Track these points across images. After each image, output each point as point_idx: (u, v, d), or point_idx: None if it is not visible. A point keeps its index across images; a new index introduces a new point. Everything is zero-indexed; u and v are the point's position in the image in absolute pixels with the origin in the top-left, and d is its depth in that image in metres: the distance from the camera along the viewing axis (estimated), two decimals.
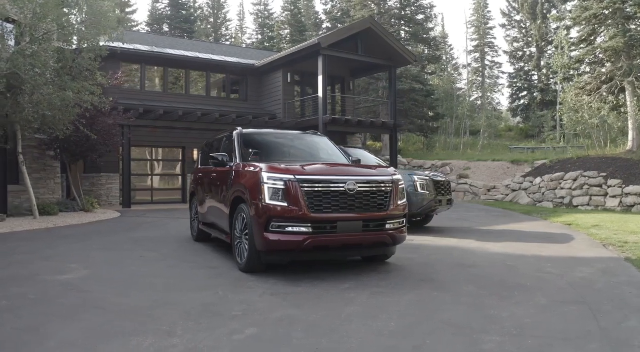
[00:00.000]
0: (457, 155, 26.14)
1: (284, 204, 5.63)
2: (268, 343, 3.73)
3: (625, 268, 6.41)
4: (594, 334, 3.84)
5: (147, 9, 47.16)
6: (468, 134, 33.00)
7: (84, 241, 8.83)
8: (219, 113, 18.83)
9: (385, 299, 4.95)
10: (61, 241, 8.73)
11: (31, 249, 7.89)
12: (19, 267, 6.41)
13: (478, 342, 3.69)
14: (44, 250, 7.81)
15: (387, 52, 20.48)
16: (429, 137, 29.96)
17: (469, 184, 20.29)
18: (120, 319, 4.27)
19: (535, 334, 3.84)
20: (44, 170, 14.22)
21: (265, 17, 45.64)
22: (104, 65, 17.96)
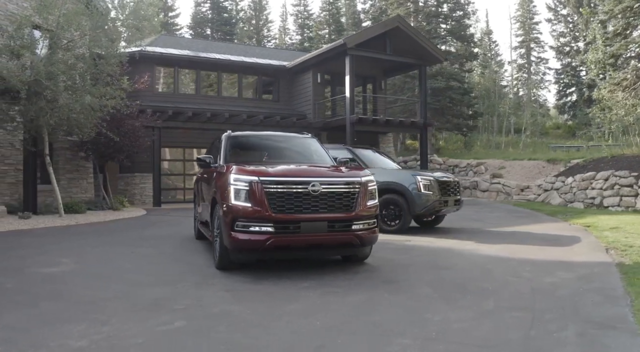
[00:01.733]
0: (496, 154, 25.44)
1: (248, 204, 5.79)
2: (184, 334, 3.91)
3: (607, 274, 6.13)
4: (513, 342, 3.75)
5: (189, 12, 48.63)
6: (512, 132, 32.01)
7: (93, 238, 9.34)
8: (247, 114, 19.26)
9: (333, 298, 5.02)
10: (71, 237, 9.27)
11: (37, 244, 8.45)
12: (15, 260, 6.92)
13: (387, 343, 3.71)
14: (48, 245, 8.34)
15: (416, 51, 20.24)
16: (467, 135, 29.29)
17: (501, 183, 19.75)
18: (71, 309, 4.58)
19: (452, 340, 3.80)
20: (76, 170, 15.05)
21: (304, 17, 45.97)
22: (138, 69, 18.86)
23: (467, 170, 22.93)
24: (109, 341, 3.77)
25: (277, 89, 23.01)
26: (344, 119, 19.51)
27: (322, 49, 21.23)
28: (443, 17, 27.96)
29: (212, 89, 22.81)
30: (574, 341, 3.75)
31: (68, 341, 3.74)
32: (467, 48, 29.53)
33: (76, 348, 3.61)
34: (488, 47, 41.65)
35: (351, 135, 19.13)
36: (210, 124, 18.75)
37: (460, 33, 28.34)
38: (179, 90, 21.06)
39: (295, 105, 22.56)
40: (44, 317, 4.33)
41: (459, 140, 31.02)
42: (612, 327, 4.04)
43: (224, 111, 18.95)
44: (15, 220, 10.73)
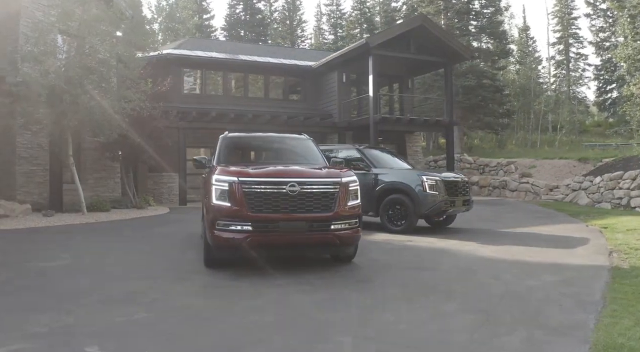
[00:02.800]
0: (529, 153, 24.80)
1: (228, 204, 5.95)
2: (136, 325, 4.14)
3: (595, 278, 5.92)
4: (450, 344, 3.75)
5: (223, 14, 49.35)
6: (550, 130, 31.04)
7: (103, 235, 9.77)
8: (271, 114, 19.52)
9: (299, 296, 5.12)
10: (83, 234, 9.71)
11: (48, 240, 8.91)
12: (19, 254, 7.36)
13: (323, 341, 3.78)
14: (57, 241, 8.80)
15: (441, 49, 19.97)
16: (499, 134, 28.60)
17: (530, 183, 19.24)
18: (47, 299, 4.88)
19: (388, 340, 3.83)
20: (103, 170, 15.68)
21: (337, 17, 46.00)
22: (166, 71, 19.43)
23: (497, 170, 22.47)
24: (66, 328, 4.03)
25: (303, 89, 23.19)
26: (367, 118, 19.46)
27: (345, 49, 21.25)
28: (474, 14, 27.41)
29: (238, 90, 23.19)
30: (514, 346, 3.70)
31: (29, 327, 4.02)
32: (499, 45, 28.81)
33: (33, 333, 3.88)
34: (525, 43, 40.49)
35: (374, 135, 19.08)
36: (234, 125, 19.04)
37: (492, 30, 27.70)
38: (206, 92, 21.54)
39: (322, 105, 22.67)
40: (18, 306, 4.64)
41: (494, 139, 30.37)
42: (563, 334, 3.94)
43: (247, 112, 19.28)
44: (38, 217, 11.32)
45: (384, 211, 10.38)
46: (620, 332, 3.85)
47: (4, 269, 6.25)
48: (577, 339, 3.81)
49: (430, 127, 21.44)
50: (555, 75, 41.28)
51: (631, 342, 3.64)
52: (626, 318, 4.21)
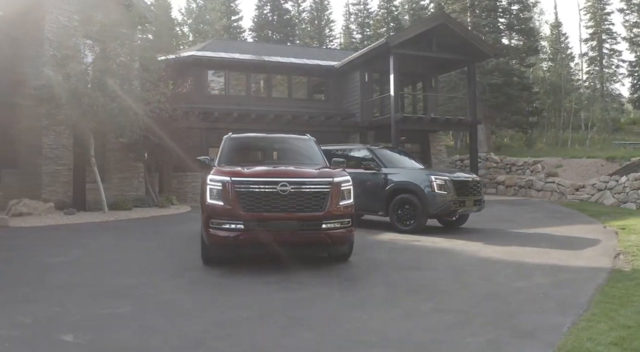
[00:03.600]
0: (557, 151, 24.17)
1: (221, 203, 6.12)
2: (116, 318, 4.33)
3: (590, 281, 5.77)
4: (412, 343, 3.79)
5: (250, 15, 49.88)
6: (583, 128, 30.17)
7: (117, 232, 10.11)
8: (292, 115, 19.68)
9: (282, 294, 5.24)
10: (98, 232, 10.07)
11: (62, 237, 9.29)
12: (28, 250, 7.74)
13: (289, 336, 3.88)
14: (71, 238, 9.15)
15: (464, 47, 19.69)
16: (528, 132, 27.95)
17: (556, 183, 18.78)
18: (42, 292, 5.17)
19: (352, 337, 3.89)
20: (127, 170, 16.14)
21: (364, 16, 45.86)
22: (191, 72, 19.86)
23: (524, 169, 22.01)
24: (51, 318, 4.28)
25: (326, 89, 23.26)
26: (389, 118, 19.40)
27: (366, 48, 21.22)
28: (501, 11, 26.87)
29: (262, 91, 23.41)
30: (475, 347, 3.70)
31: (18, 317, 4.29)
32: (527, 42, 28.14)
33: (18, 322, 4.14)
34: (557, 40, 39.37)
35: (396, 134, 19.00)
36: (255, 125, 19.32)
37: (520, 26, 27.08)
38: (229, 92, 21.85)
39: (345, 105, 22.68)
40: (14, 297, 4.93)
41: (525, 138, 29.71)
42: (531, 337, 3.90)
43: (269, 112, 19.50)
44: (59, 216, 11.79)
45: (394, 211, 10.37)
46: (590, 336, 3.79)
47: (12, 264, 6.59)
48: (543, 342, 3.76)
49: (452, 126, 21.20)
50: (588, 72, 40.06)
51: (599, 347, 3.57)
52: (603, 322, 4.13)
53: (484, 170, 23.05)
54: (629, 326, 4.01)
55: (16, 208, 11.12)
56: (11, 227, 9.75)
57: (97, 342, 3.76)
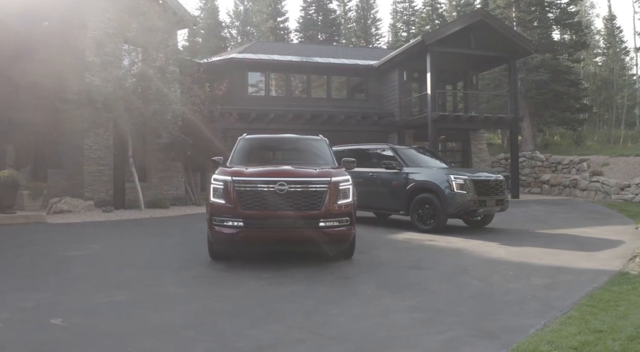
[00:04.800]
0: (608, 149, 23.12)
1: (223, 201, 6.41)
2: (109, 306, 4.68)
3: (587, 283, 5.61)
4: (368, 338, 3.89)
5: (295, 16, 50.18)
6: (638, 125, 28.62)
7: (145, 229, 10.64)
8: (328, 114, 19.88)
9: (272, 288, 5.46)
10: (126, 228, 10.58)
11: (91, 233, 9.88)
12: (54, 244, 8.32)
13: (258, 327, 4.09)
14: (98, 234, 9.72)
15: (504, 44, 19.19)
16: (576, 130, 26.78)
17: (600, 182, 18.03)
18: (52, 282, 5.63)
19: (316, 331, 4.05)
20: (167, 169, 16.84)
21: (409, 14, 45.32)
22: (231, 74, 20.44)
23: (569, 168, 21.27)
24: (51, 305, 4.70)
25: (366, 88, 23.30)
26: (426, 116, 19.23)
27: (403, 47, 21.09)
28: (547, 5, 25.87)
29: (302, 91, 23.70)
30: (429, 345, 3.74)
31: (22, 302, 4.73)
32: (576, 36, 26.92)
33: (20, 307, 4.59)
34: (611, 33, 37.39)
35: (433, 133, 18.82)
36: (292, 125, 19.66)
37: (568, 21, 25.97)
38: (269, 93, 22.30)
39: (384, 104, 22.65)
40: (25, 286, 5.41)
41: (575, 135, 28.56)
42: (493, 337, 3.89)
43: (306, 112, 19.79)
44: (97, 213, 12.51)
45: (414, 210, 10.38)
46: (553, 339, 3.75)
47: (34, 256, 7.16)
48: (501, 343, 3.75)
49: (492, 124, 20.72)
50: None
51: (554, 351, 3.55)
52: (574, 326, 4.07)
53: (529, 169, 22.42)
54: (600, 331, 3.94)
55: (57, 206, 11.90)
56: (48, 224, 10.48)
57: (81, 325, 4.12)
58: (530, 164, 22.29)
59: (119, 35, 13.17)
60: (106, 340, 3.78)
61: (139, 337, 3.84)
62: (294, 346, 3.70)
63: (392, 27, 48.57)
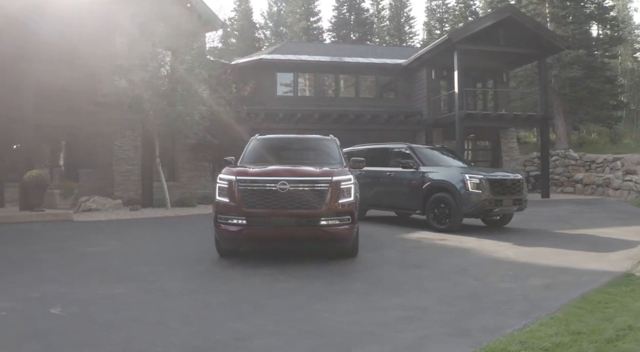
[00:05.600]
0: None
1: (227, 200, 6.63)
2: (106, 297, 4.97)
3: (585, 285, 5.48)
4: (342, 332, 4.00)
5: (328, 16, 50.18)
6: None
7: (165, 226, 11.02)
8: (354, 114, 19.94)
9: (266, 284, 5.62)
10: (147, 225, 11.03)
11: (113, 229, 10.33)
12: (75, 240, 8.78)
13: (238, 320, 4.26)
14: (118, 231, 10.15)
15: (533, 40, 18.77)
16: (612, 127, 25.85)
17: (634, 181, 17.47)
18: (62, 276, 5.99)
19: (293, 325, 4.18)
20: (195, 169, 17.31)
21: (442, 11, 44.70)
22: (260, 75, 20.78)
23: (603, 167, 20.64)
24: (55, 296, 5.01)
25: (395, 87, 23.24)
26: (454, 115, 19.05)
27: (430, 45, 20.92)
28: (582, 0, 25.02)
29: (330, 91, 23.82)
30: (401, 342, 3.78)
31: (30, 293, 5.07)
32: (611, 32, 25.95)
33: (27, 298, 4.92)
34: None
35: (461, 132, 18.62)
36: (318, 125, 19.83)
37: (603, 16, 25.09)
38: (298, 93, 22.51)
39: (413, 103, 22.53)
40: (37, 278, 5.78)
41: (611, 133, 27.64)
42: (466, 336, 3.89)
43: (332, 112, 19.91)
44: (124, 211, 13.03)
45: (430, 210, 10.37)
46: (526, 339, 3.71)
47: (53, 251, 7.58)
48: (472, 342, 3.76)
49: (521, 122, 20.30)
50: None
51: (523, 351, 3.55)
52: (554, 327, 4.03)
53: (562, 167, 21.88)
54: (579, 332, 3.90)
55: (86, 204, 12.46)
56: (74, 221, 11.01)
57: (75, 315, 4.40)
58: (564, 162, 21.73)
59: (147, 39, 13.61)
60: (94, 328, 4.03)
61: (124, 327, 4.07)
62: (268, 338, 3.85)
63: (427, 25, 48.09)
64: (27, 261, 6.93)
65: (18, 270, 6.27)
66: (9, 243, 8.58)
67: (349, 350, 3.60)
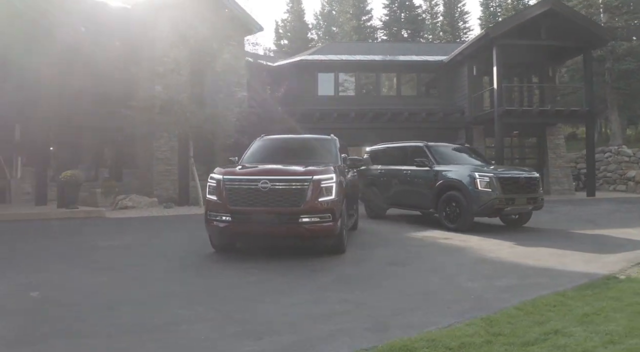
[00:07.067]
0: None
1: (215, 198, 7.04)
2: (89, 284, 5.50)
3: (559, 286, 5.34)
4: (268, 322, 4.24)
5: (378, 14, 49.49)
6: None
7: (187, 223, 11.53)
8: (391, 112, 19.90)
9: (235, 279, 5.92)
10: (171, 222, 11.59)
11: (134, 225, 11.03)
12: (94, 235, 9.49)
13: (184, 307, 4.59)
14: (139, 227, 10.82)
15: (577, 33, 17.96)
16: None
17: None
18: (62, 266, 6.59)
19: (229, 315, 4.46)
20: None
21: (495, 5, 43.17)
22: (302, 75, 21.21)
23: None
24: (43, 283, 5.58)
25: (436, 84, 22.96)
26: (492, 112, 18.61)
27: (469, 41, 20.48)
28: None
29: (371, 90, 23.83)
30: (311, 334, 3.95)
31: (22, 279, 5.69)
32: None
33: (18, 283, 5.53)
34: None
35: (499, 129, 18.19)
36: (355, 123, 19.99)
37: None
38: (339, 93, 22.71)
39: (456, 100, 22.15)
40: (37, 267, 6.44)
41: None
42: (383, 331, 3.95)
43: (368, 110, 19.97)
44: (158, 209, 13.79)
45: (442, 208, 10.33)
46: (436, 338, 3.66)
47: (69, 245, 8.31)
48: (381, 337, 3.81)
49: (564, 118, 19.42)
50: None
51: (426, 349, 3.55)
52: (478, 327, 3.94)
53: (615, 165, 20.79)
54: (499, 334, 3.82)
55: (122, 202, 13.32)
56: (105, 218, 11.84)
57: (49, 298, 4.94)
58: (617, 159, 20.65)
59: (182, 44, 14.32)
60: (56, 309, 4.54)
61: (82, 309, 4.53)
62: (198, 323, 4.15)
63: (482, 19, 46.76)
64: (39, 252, 7.66)
65: (25, 260, 6.99)
66: (32, 237, 9.42)
67: (261, 338, 3.83)
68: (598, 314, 4.31)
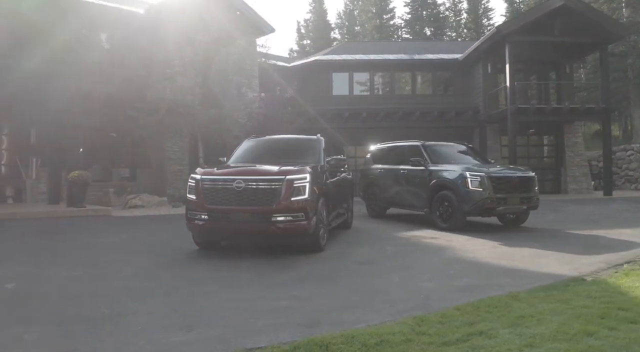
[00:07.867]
0: None
1: (194, 197, 7.30)
2: (63, 277, 5.83)
3: (514, 287, 5.28)
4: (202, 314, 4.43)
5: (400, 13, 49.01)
6: None
7: None
8: (403, 112, 19.85)
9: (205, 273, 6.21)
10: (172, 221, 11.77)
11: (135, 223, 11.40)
12: (92, 232, 9.90)
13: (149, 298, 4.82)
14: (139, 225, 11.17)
15: (592, 29, 17.51)
16: None
17: None
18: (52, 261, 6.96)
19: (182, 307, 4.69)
20: None
21: (519, 1, 42.19)
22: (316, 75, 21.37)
23: None
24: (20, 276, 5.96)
25: (452, 82, 22.76)
26: (506, 110, 18.37)
27: (482, 38, 20.21)
28: None
29: (385, 89, 23.80)
30: (237, 328, 4.08)
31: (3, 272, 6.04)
32: None
33: (2, 276, 5.85)
34: None
35: (512, 127, 17.93)
36: (366, 123, 20.03)
37: None
38: (353, 93, 22.78)
39: (471, 98, 21.93)
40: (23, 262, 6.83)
41: None
42: (312, 327, 4.06)
43: (380, 110, 19.97)
44: (165, 208, 14.16)
45: (436, 208, 10.33)
46: (356, 335, 3.62)
47: (67, 243, 8.70)
48: (306, 332, 3.87)
49: (579, 115, 18.98)
50: None
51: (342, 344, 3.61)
52: (406, 326, 3.89)
53: (637, 163, 20.20)
54: (424, 333, 3.69)
55: (132, 201, 13.76)
56: (111, 216, 12.28)
57: (21, 289, 5.30)
58: (638, 158, 20.06)
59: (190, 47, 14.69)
60: (22, 299, 4.91)
61: (46, 300, 4.86)
62: (143, 316, 4.35)
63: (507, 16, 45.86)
64: (34, 248, 8.09)
65: (16, 255, 7.40)
66: (34, 234, 9.89)
67: (192, 330, 4.02)
68: (533, 317, 4.25)
